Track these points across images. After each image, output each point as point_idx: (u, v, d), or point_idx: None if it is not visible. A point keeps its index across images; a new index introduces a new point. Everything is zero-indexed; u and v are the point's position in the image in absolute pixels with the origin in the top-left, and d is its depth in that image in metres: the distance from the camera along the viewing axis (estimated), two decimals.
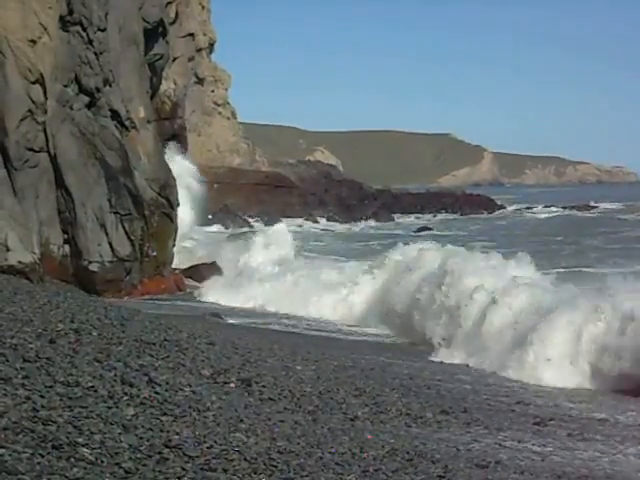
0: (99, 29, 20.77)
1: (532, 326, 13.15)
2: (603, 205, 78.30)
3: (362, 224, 59.22)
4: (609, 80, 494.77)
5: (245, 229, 45.34)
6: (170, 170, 23.34)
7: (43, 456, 4.79)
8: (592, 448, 8.00)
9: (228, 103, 61.88)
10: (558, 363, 12.42)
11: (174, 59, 27.51)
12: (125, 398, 6.30)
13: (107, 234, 19.96)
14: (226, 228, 46.17)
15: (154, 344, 9.14)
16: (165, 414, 6.15)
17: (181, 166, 30.52)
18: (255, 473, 5.26)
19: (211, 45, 56.84)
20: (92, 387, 6.38)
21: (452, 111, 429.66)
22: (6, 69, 18.77)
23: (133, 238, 20.46)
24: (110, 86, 21.03)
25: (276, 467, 5.45)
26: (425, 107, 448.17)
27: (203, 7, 53.63)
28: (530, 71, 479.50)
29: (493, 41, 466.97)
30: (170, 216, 22.27)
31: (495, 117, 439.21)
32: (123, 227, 20.32)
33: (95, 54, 20.63)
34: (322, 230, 53.83)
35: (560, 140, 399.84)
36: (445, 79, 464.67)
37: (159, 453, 5.27)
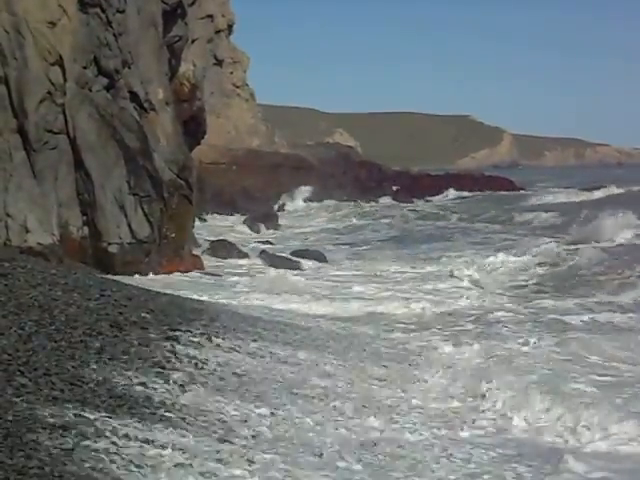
0: (118, 11, 20.74)
1: None
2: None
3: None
4: (629, 61, 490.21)
5: None
6: (189, 152, 23.32)
7: None
8: None
9: (247, 85, 61.67)
10: None
11: (193, 41, 27.49)
12: None
13: (126, 216, 19.98)
14: None
15: None
16: None
17: None
18: None
19: (230, 27, 56.56)
20: None
21: (471, 93, 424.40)
22: (25, 51, 18.80)
23: (152, 220, 20.46)
24: (129, 68, 21.02)
25: None
26: (444, 88, 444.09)
27: None
28: (549, 52, 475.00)
29: (512, 22, 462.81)
30: (189, 198, 22.26)
31: (515, 99, 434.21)
32: (142, 209, 20.33)
33: (114, 36, 20.60)
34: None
35: (580, 122, 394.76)
36: (464, 60, 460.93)
37: None
